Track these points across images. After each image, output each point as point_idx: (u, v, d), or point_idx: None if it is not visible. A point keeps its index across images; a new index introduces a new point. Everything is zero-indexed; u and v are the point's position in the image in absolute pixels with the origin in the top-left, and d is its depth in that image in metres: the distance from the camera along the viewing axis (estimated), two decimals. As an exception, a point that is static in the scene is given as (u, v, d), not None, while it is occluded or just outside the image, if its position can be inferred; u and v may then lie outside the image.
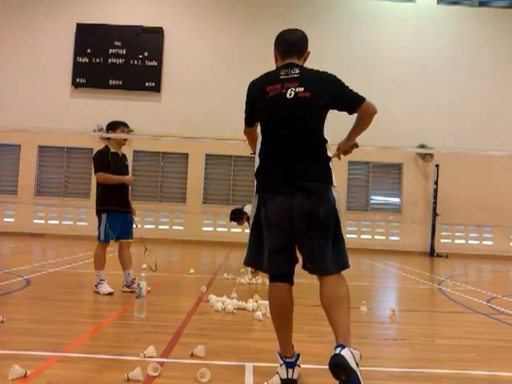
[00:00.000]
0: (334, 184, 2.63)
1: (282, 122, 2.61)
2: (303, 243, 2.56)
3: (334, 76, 2.74)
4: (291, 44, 2.83)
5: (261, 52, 15.73)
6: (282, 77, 2.68)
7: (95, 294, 5.14)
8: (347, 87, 2.70)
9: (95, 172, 5.31)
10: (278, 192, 2.54)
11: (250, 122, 2.89)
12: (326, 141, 2.67)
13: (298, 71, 2.67)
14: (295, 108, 2.58)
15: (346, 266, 2.57)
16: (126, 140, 5.60)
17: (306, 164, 2.56)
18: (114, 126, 5.51)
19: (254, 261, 2.73)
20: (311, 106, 2.60)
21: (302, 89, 2.58)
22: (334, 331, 2.44)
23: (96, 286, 5.18)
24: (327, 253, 2.51)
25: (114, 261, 5.64)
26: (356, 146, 2.87)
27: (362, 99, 2.65)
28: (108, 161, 5.28)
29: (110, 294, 5.09)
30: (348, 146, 2.85)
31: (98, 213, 5.28)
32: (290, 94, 2.59)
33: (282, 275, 2.64)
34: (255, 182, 2.73)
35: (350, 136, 2.82)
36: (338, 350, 2.27)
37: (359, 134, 2.80)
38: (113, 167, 5.28)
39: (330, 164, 2.64)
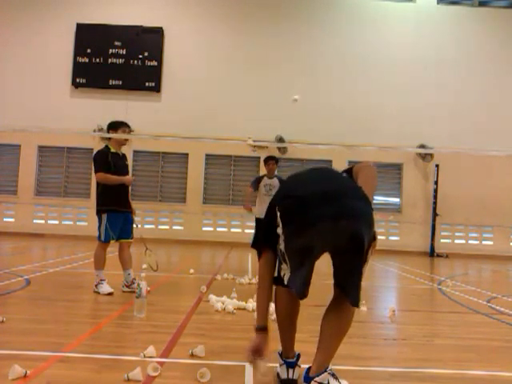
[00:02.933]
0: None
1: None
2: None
3: None
4: None
5: (261, 51, 15.79)
6: None
7: (95, 294, 5.14)
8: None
9: (95, 172, 5.29)
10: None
11: None
12: None
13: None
14: None
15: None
16: (126, 140, 5.59)
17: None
18: (115, 126, 5.46)
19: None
20: None
21: None
22: (316, 352, 2.45)
23: (96, 286, 5.18)
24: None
25: (114, 261, 5.64)
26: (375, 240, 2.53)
27: None
28: (108, 161, 5.27)
29: (109, 294, 5.09)
30: None
31: (99, 213, 5.28)
32: None
33: None
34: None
35: None
36: None
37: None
38: (113, 167, 5.27)
39: None
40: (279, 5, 15.60)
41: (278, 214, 2.45)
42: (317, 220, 2.31)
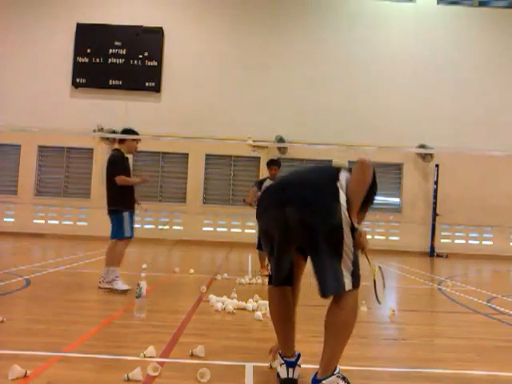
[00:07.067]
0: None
1: None
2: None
3: None
4: None
5: (261, 51, 15.78)
6: None
7: (95, 294, 5.15)
8: None
9: (115, 175, 5.51)
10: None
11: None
12: None
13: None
14: None
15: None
16: (136, 151, 5.96)
17: None
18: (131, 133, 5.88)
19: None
20: None
21: None
22: (322, 353, 2.45)
23: (110, 282, 5.30)
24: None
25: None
26: (355, 230, 2.45)
27: None
28: (125, 165, 5.60)
29: (126, 290, 5.22)
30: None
31: (117, 212, 5.48)
32: None
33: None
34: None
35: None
36: None
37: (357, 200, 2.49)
38: (127, 170, 5.64)
39: None
40: (279, 5, 15.60)
41: None
42: (268, 205, 2.59)
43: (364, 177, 2.48)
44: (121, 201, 5.54)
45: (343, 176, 2.52)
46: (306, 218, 2.40)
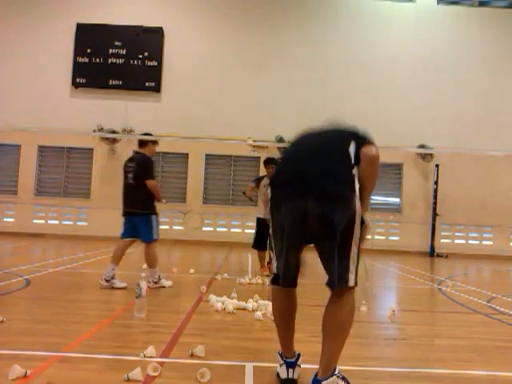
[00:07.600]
0: None
1: None
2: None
3: None
4: None
5: (261, 51, 15.78)
6: None
7: (95, 294, 5.15)
8: None
9: (147, 178, 5.72)
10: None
11: None
12: None
13: None
14: None
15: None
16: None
17: None
18: (154, 140, 6.28)
19: None
20: None
21: None
22: (321, 353, 2.44)
23: (156, 282, 5.68)
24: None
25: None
26: (364, 225, 2.50)
27: None
28: (153, 170, 5.81)
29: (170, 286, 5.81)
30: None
31: (146, 215, 5.68)
32: None
33: None
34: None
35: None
36: None
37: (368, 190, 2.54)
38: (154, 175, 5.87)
39: None
40: (279, 5, 15.59)
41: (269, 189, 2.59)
42: (287, 195, 2.45)
43: (375, 171, 2.53)
44: (149, 204, 5.74)
45: (352, 149, 2.52)
46: (327, 211, 2.34)
